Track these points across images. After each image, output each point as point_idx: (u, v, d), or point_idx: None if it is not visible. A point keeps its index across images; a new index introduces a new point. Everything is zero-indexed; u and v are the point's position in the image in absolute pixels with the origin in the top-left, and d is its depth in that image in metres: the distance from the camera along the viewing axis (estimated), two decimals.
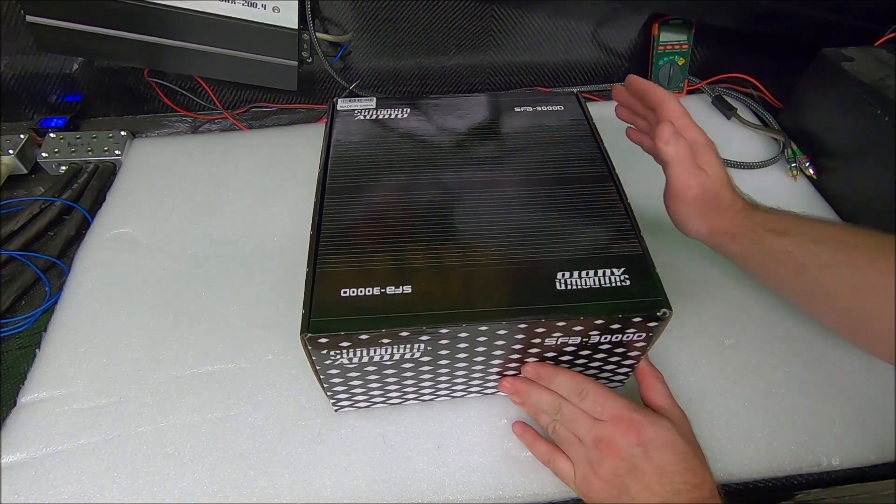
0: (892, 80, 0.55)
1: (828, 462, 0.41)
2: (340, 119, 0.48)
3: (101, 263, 0.53)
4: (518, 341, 0.36)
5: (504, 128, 0.48)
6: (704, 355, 0.46)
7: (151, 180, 0.61)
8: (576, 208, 0.40)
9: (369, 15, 0.66)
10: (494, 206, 0.40)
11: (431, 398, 0.43)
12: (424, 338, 0.34)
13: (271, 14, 0.60)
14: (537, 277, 0.36)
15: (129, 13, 0.58)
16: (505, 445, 0.41)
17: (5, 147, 0.61)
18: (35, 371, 0.45)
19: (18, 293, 0.51)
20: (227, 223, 0.57)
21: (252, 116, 0.72)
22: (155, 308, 0.49)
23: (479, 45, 0.70)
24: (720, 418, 0.43)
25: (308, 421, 0.43)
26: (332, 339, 0.33)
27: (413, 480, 0.40)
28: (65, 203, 0.58)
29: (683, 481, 0.33)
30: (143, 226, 0.56)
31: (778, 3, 0.64)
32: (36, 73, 0.66)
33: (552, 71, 0.74)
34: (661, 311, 0.34)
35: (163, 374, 0.45)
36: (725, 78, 0.73)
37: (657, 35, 0.69)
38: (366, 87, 0.71)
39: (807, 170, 0.61)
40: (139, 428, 0.42)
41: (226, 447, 0.41)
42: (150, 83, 0.68)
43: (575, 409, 0.37)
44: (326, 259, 0.37)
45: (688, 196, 0.42)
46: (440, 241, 0.38)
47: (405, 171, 0.43)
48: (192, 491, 0.39)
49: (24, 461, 0.41)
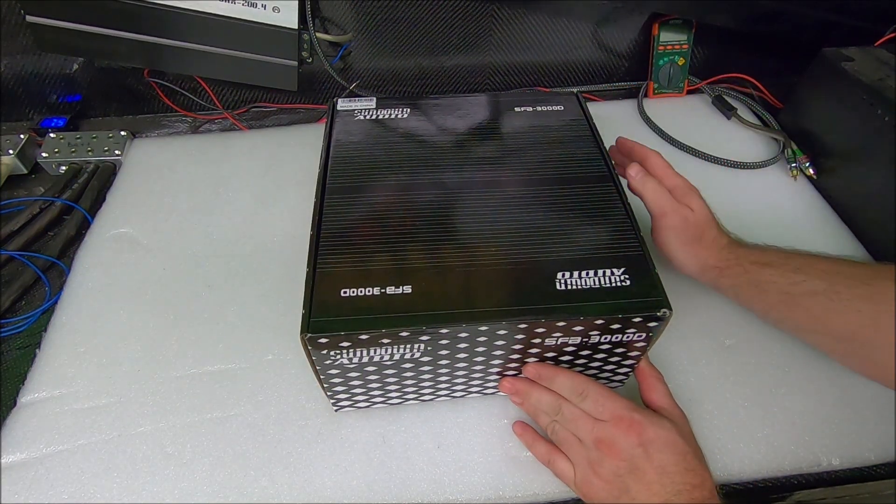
0: (892, 80, 0.55)
1: (828, 462, 0.41)
2: (340, 119, 0.48)
3: (101, 263, 0.53)
4: (518, 341, 0.36)
5: (504, 128, 0.48)
6: (704, 355, 0.46)
7: (151, 180, 0.61)
8: (576, 208, 0.40)
9: (369, 15, 0.66)
10: (494, 206, 0.40)
11: (431, 398, 0.43)
12: (424, 338, 0.34)
13: (271, 14, 0.60)
14: (537, 277, 0.36)
15: (129, 13, 0.58)
16: (505, 445, 0.41)
17: (5, 147, 0.61)
18: (35, 371, 0.45)
19: (18, 293, 0.51)
20: (227, 223, 0.57)
21: (252, 116, 0.72)
22: (155, 308, 0.49)
23: (479, 45, 0.70)
24: (720, 418, 0.43)
25: (308, 421, 0.43)
26: (332, 339, 0.33)
27: (413, 480, 0.40)
28: (65, 203, 0.58)
29: (684, 482, 0.34)
30: (143, 226, 0.56)
31: (778, 3, 0.64)
32: (36, 73, 0.66)
33: (552, 71, 0.74)
34: (661, 311, 0.34)
35: (163, 374, 0.45)
36: (725, 78, 0.73)
37: (657, 35, 0.69)
38: (366, 87, 0.71)
39: (807, 170, 0.61)
40: (139, 428, 0.42)
41: (226, 447, 0.41)
42: (150, 83, 0.68)
43: (575, 410, 0.37)
44: (326, 259, 0.37)
45: (666, 223, 0.44)
46: (440, 241, 0.38)
47: (405, 171, 0.43)
48: (192, 491, 0.39)
49: (24, 461, 0.41)
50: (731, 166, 0.62)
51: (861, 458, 0.41)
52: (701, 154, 0.63)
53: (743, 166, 0.62)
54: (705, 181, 0.61)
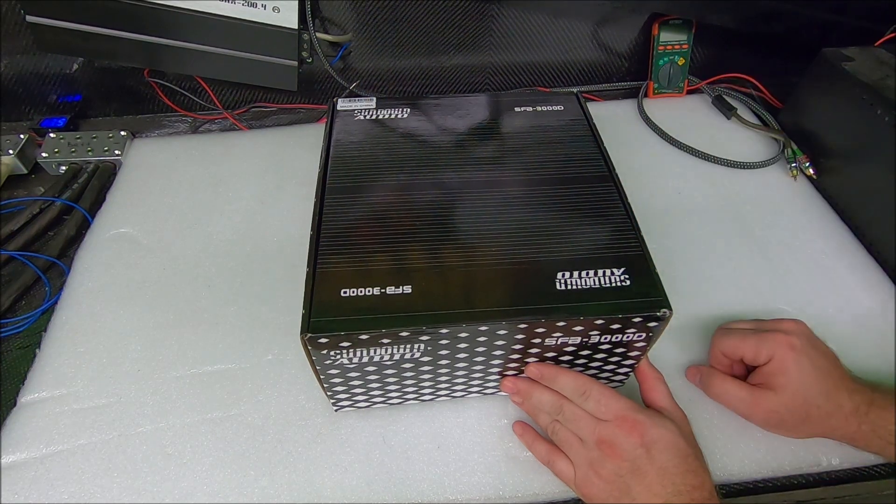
0: (892, 80, 0.55)
1: (828, 462, 0.41)
2: (340, 119, 0.48)
3: (101, 263, 0.53)
4: (518, 341, 0.36)
5: (504, 128, 0.48)
6: (704, 355, 0.46)
7: (151, 180, 0.61)
8: (576, 208, 0.40)
9: (369, 15, 0.66)
10: (494, 206, 0.40)
11: (431, 398, 0.43)
12: (424, 338, 0.34)
13: (271, 14, 0.60)
14: (537, 277, 0.36)
15: (129, 13, 0.58)
16: (505, 445, 0.41)
17: (5, 147, 0.61)
18: (35, 371, 0.45)
19: (18, 293, 0.51)
20: (227, 223, 0.57)
21: (252, 116, 0.72)
22: (155, 308, 0.49)
23: (479, 45, 0.70)
24: (720, 418, 0.43)
25: (308, 421, 0.43)
26: (332, 339, 0.33)
27: (413, 480, 0.40)
28: (65, 203, 0.58)
29: (684, 482, 0.34)
30: (143, 226, 0.56)
31: (778, 3, 0.64)
32: (36, 73, 0.66)
33: (552, 71, 0.74)
34: (661, 311, 0.34)
35: (163, 374, 0.45)
36: (725, 78, 0.73)
37: (657, 35, 0.69)
38: (366, 87, 0.71)
39: (807, 170, 0.61)
40: (139, 428, 0.42)
41: (226, 447, 0.41)
42: (150, 83, 0.68)
43: (577, 410, 0.37)
44: (326, 259, 0.37)
45: (756, 421, 0.40)
46: (440, 241, 0.38)
47: (405, 171, 0.43)
48: (192, 491, 0.39)
49: (24, 461, 0.41)
50: (731, 166, 0.62)
51: (861, 458, 0.41)
52: (701, 154, 0.63)
53: (743, 166, 0.62)
54: (705, 181, 0.61)
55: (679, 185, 0.60)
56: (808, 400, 0.37)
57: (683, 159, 0.64)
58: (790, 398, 0.38)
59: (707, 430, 0.42)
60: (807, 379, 0.38)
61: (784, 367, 0.38)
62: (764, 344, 0.39)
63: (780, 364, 0.38)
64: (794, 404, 0.38)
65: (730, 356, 0.42)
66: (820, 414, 0.37)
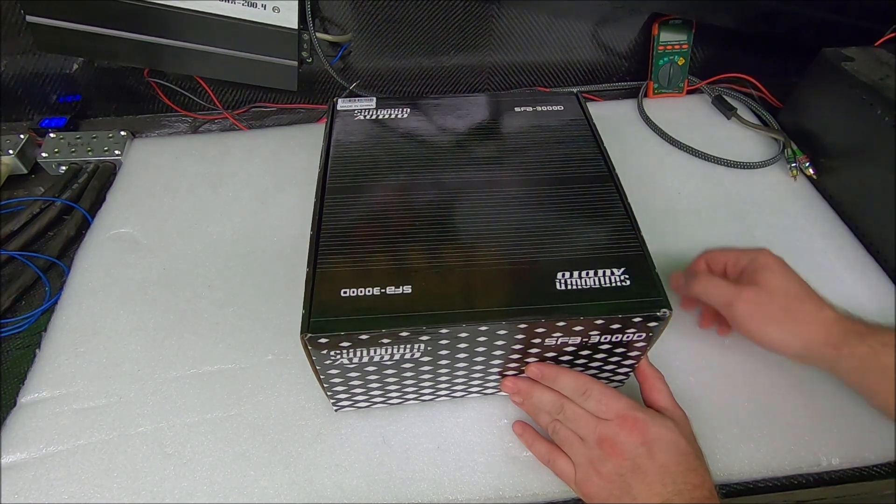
0: (892, 80, 0.55)
1: (828, 462, 0.41)
2: (340, 119, 0.48)
3: (101, 263, 0.53)
4: (518, 341, 0.36)
5: (504, 128, 0.48)
6: (704, 355, 0.46)
7: (151, 180, 0.61)
8: (576, 208, 0.40)
9: (369, 15, 0.66)
10: (494, 206, 0.40)
11: (431, 398, 0.43)
12: (424, 338, 0.34)
13: (271, 14, 0.60)
14: (537, 277, 0.36)
15: (129, 13, 0.58)
16: (505, 445, 0.41)
17: (5, 147, 0.61)
18: (35, 371, 0.45)
19: (18, 293, 0.51)
20: (227, 223, 0.57)
21: (252, 116, 0.72)
22: (155, 308, 0.49)
23: (479, 45, 0.70)
24: (720, 418, 0.43)
25: (308, 421, 0.43)
26: (332, 339, 0.33)
27: (413, 480, 0.40)
28: (65, 203, 0.58)
29: (685, 481, 0.34)
30: (143, 226, 0.56)
31: (778, 3, 0.64)
32: (36, 73, 0.66)
33: (552, 71, 0.74)
34: (661, 311, 0.34)
35: (163, 374, 0.45)
36: (725, 78, 0.73)
37: (657, 35, 0.69)
38: (366, 87, 0.71)
39: (807, 170, 0.61)
40: (139, 428, 0.42)
41: (226, 447, 0.41)
42: (150, 83, 0.68)
43: (578, 409, 0.37)
44: (326, 259, 0.37)
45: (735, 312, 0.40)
46: (440, 241, 0.38)
47: (405, 171, 0.43)
48: (192, 491, 0.39)
49: (24, 461, 0.41)
50: (730, 166, 0.62)
51: (861, 458, 0.41)
52: (701, 154, 0.63)
53: (743, 166, 0.62)
54: (705, 181, 0.61)
55: (679, 185, 0.60)
56: (790, 293, 0.39)
57: (683, 159, 0.64)
58: (772, 290, 0.39)
59: (707, 430, 0.42)
60: (790, 277, 0.40)
61: (768, 264, 0.40)
62: (747, 252, 0.42)
63: (765, 262, 0.40)
64: (776, 295, 0.39)
65: (713, 264, 0.44)
66: (802, 311, 0.39)
